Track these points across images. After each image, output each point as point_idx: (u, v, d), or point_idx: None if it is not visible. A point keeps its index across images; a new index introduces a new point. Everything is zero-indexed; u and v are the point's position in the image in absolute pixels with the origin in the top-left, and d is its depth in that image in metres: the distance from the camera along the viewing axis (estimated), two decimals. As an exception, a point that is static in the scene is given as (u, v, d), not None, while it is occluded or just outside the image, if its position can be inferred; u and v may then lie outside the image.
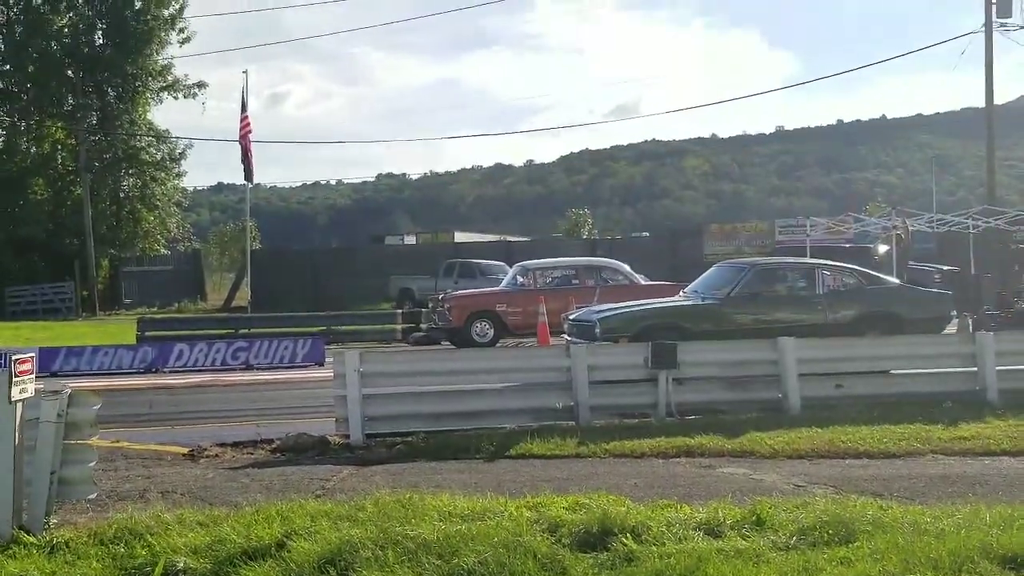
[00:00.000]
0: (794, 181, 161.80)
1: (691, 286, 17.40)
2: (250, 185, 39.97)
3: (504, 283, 26.41)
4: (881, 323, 15.89)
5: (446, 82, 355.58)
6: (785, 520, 6.92)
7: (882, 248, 31.71)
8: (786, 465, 9.72)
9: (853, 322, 15.91)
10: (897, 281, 18.70)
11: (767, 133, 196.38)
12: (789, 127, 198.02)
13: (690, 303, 16.33)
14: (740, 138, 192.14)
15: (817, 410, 12.19)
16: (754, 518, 6.97)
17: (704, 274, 17.69)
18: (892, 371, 13.47)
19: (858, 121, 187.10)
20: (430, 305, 26.54)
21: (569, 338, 16.46)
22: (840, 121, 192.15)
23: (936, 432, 10.89)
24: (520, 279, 25.29)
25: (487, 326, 24.19)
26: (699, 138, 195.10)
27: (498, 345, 23.66)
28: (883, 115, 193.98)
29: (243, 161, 35.77)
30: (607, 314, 15.81)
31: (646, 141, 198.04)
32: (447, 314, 24.39)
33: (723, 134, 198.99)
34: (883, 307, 16.25)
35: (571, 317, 16.85)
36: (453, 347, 23.60)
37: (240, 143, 35.76)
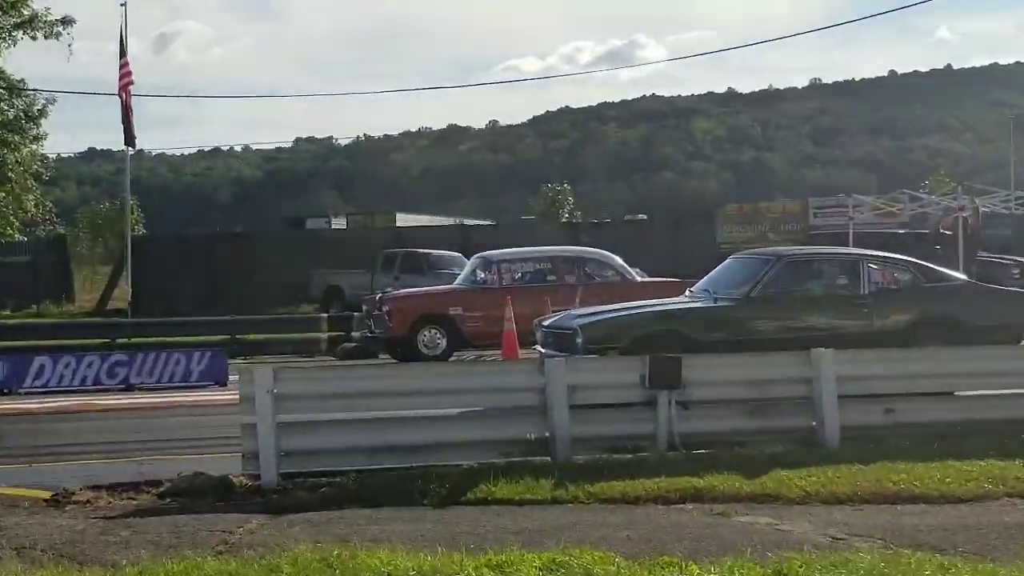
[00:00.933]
0: (833, 149, 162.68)
1: (700, 284, 17.46)
2: (131, 151, 39.77)
3: (460, 279, 26.43)
4: (942, 330, 15.99)
5: (385, 19, 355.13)
6: (819, 582, 6.96)
7: (944, 234, 31.98)
8: (821, 512, 9.77)
9: (906, 329, 16.03)
10: (963, 277, 18.85)
11: (799, 87, 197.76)
12: (827, 79, 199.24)
13: (698, 305, 16.40)
14: (765, 93, 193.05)
15: (861, 442, 12.23)
16: (780, 580, 7.01)
17: (716, 268, 17.76)
18: (957, 392, 13.57)
19: (916, 72, 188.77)
20: (364, 308, 26.52)
21: (542, 350, 16.48)
22: (892, 72, 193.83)
23: (1013, 470, 10.98)
24: (480, 274, 25.32)
25: (437, 335, 24.21)
26: (712, 93, 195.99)
27: (452, 359, 23.67)
28: (948, 64, 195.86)
29: (123, 121, 35.59)
30: (591, 319, 15.84)
31: (643, 97, 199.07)
32: (386, 319, 24.39)
33: (743, 88, 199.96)
34: (945, 310, 16.37)
35: (545, 323, 16.89)
36: (394, 362, 23.60)
37: (119, 97, 35.58)
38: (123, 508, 10.46)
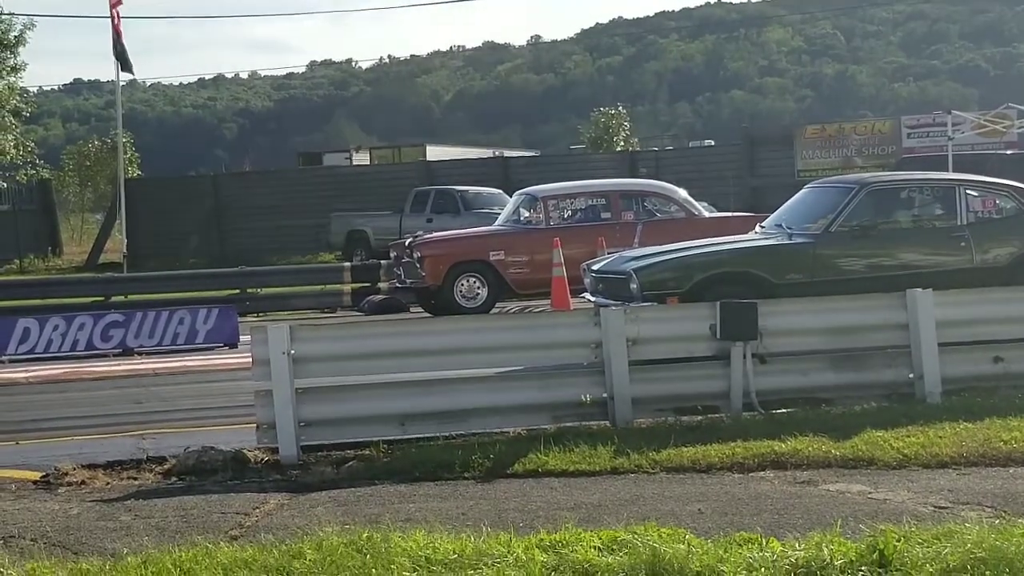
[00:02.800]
0: (928, 59, 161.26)
1: (772, 218, 17.37)
2: (123, 82, 39.83)
3: (501, 220, 26.41)
4: None
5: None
6: (921, 558, 6.94)
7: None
8: (921, 477, 9.75)
9: (1011, 265, 15.92)
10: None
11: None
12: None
13: (771, 243, 16.32)
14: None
15: (966, 397, 12.21)
16: (875, 556, 7.00)
17: (791, 200, 17.64)
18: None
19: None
20: (392, 255, 26.55)
21: (591, 298, 16.47)
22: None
23: None
24: (525, 213, 25.29)
25: (477, 284, 24.23)
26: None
27: (494, 311, 23.69)
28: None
29: (114, 47, 35.58)
30: (647, 262, 15.80)
31: (708, 4, 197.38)
32: (417, 267, 24.41)
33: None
34: None
35: (594, 268, 16.86)
36: (428, 316, 23.64)
37: (109, 19, 35.56)
38: (123, 489, 10.51)
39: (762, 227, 17.28)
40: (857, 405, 12.10)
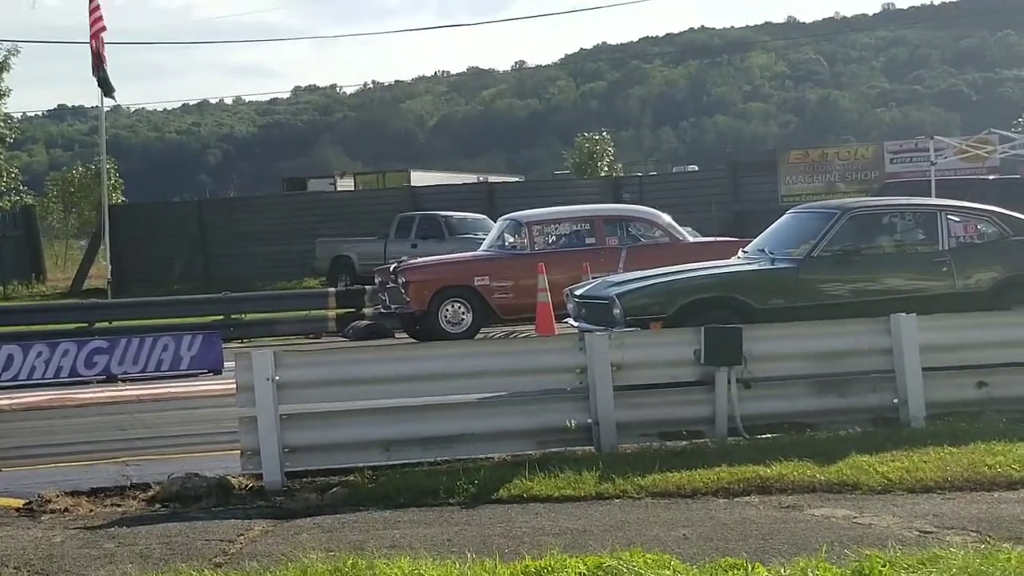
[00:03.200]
0: (911, 84, 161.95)
1: (755, 243, 17.44)
2: (108, 106, 39.87)
3: (485, 245, 26.44)
4: None
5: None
6: (906, 584, 6.94)
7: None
8: (906, 502, 9.76)
9: (993, 289, 15.98)
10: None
11: (870, 14, 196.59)
12: (902, 3, 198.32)
13: (754, 268, 16.37)
14: (830, 22, 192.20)
15: (950, 421, 12.20)
16: (861, 582, 7.00)
17: (773, 225, 17.71)
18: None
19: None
20: (377, 280, 26.56)
21: (575, 323, 16.49)
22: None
23: None
24: (509, 238, 25.32)
25: (462, 309, 24.25)
26: (769, 23, 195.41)
27: (479, 336, 23.70)
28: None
29: (95, 72, 35.60)
30: (630, 287, 15.83)
31: (691, 30, 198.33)
32: (402, 292, 24.43)
33: (805, 17, 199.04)
34: None
35: (577, 293, 16.89)
36: (413, 341, 23.66)
37: (90, 45, 35.59)
38: (107, 516, 10.50)
39: (745, 252, 17.33)
40: (842, 430, 12.10)
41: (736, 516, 9.48)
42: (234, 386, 11.77)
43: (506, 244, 25.28)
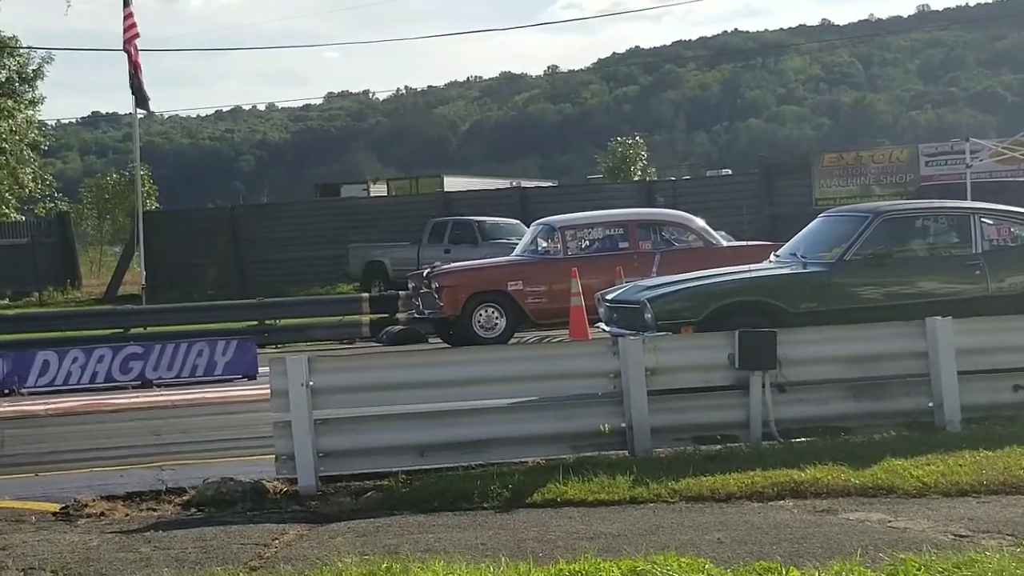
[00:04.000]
0: (946, 86, 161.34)
1: (786, 247, 17.42)
2: (141, 115, 40.00)
3: (519, 250, 26.45)
4: None
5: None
6: (941, 587, 6.94)
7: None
8: (941, 506, 9.75)
9: None
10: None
11: (905, 16, 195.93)
12: (936, 5, 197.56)
13: (785, 272, 16.35)
14: (865, 24, 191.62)
15: (986, 425, 12.21)
16: (896, 585, 7.00)
17: (805, 229, 17.68)
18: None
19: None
20: (410, 285, 26.61)
21: (606, 327, 16.49)
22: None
23: None
24: (542, 243, 25.32)
25: (495, 314, 24.25)
26: (804, 26, 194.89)
27: (512, 341, 23.71)
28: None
29: (131, 81, 35.80)
30: (662, 291, 15.83)
31: (725, 33, 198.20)
32: (436, 298, 24.45)
33: (839, 19, 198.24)
34: None
35: (608, 297, 16.89)
36: (446, 346, 23.67)
37: (125, 53, 35.77)
38: (142, 521, 10.55)
39: (777, 256, 17.31)
40: (876, 433, 12.10)
41: (770, 520, 9.48)
42: (268, 391, 11.82)
43: (539, 249, 25.28)
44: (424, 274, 25.63)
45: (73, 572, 8.76)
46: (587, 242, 25.02)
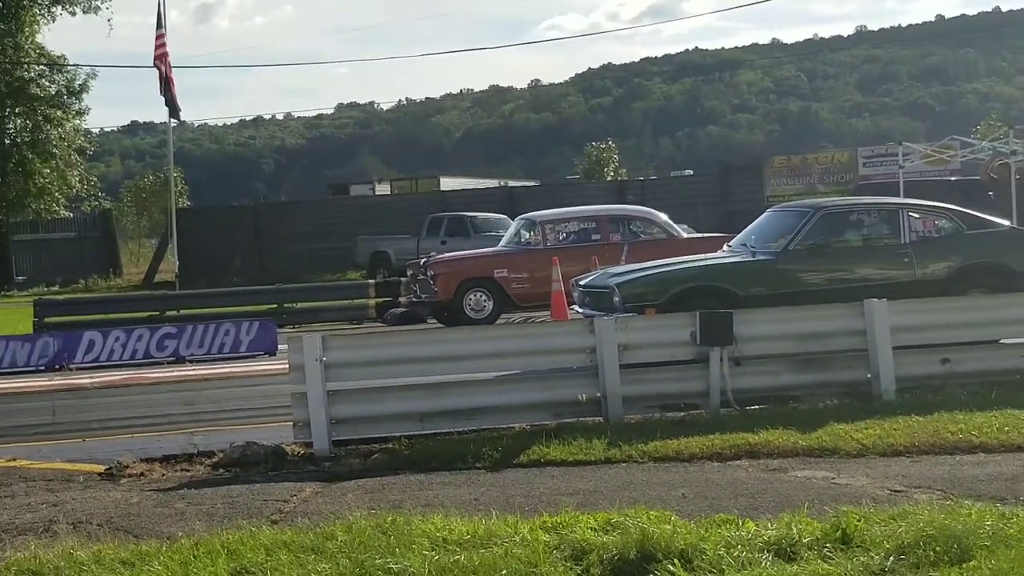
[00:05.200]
0: (881, 96, 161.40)
1: (738, 238, 17.39)
2: (174, 123, 39.90)
3: (504, 242, 26.41)
4: (986, 277, 15.89)
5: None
6: (879, 536, 6.94)
7: (992, 179, 31.68)
8: (878, 465, 9.74)
9: (950, 277, 15.88)
10: (1007, 223, 18.61)
11: (845, 35, 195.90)
12: (873, 26, 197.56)
13: (736, 260, 16.31)
14: (810, 43, 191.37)
15: (917, 393, 12.21)
16: (839, 534, 6.99)
17: (754, 222, 17.66)
18: (1003, 340, 13.46)
19: (963, 16, 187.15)
20: (409, 273, 26.57)
21: (580, 310, 16.48)
22: (940, 17, 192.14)
23: (1073, 417, 10.91)
24: (525, 235, 25.29)
25: (484, 298, 24.23)
26: (756, 44, 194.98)
27: (499, 321, 23.69)
28: (996, 7, 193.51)
29: (163, 93, 35.71)
30: (628, 277, 15.79)
31: (687, 51, 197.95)
32: (431, 284, 24.42)
33: (787, 38, 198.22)
34: (989, 256, 16.22)
35: (581, 283, 16.86)
36: (442, 326, 23.67)
37: (156, 68, 35.65)
38: (177, 480, 10.54)
39: (729, 246, 17.31)
40: (821, 402, 12.08)
41: (728, 477, 9.48)
42: (287, 366, 11.81)
43: (522, 241, 25.26)
44: (421, 263, 25.64)
45: (116, 525, 8.73)
46: (564, 234, 24.99)
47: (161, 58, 35.35)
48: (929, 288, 15.37)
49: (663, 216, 25.36)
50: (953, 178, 37.18)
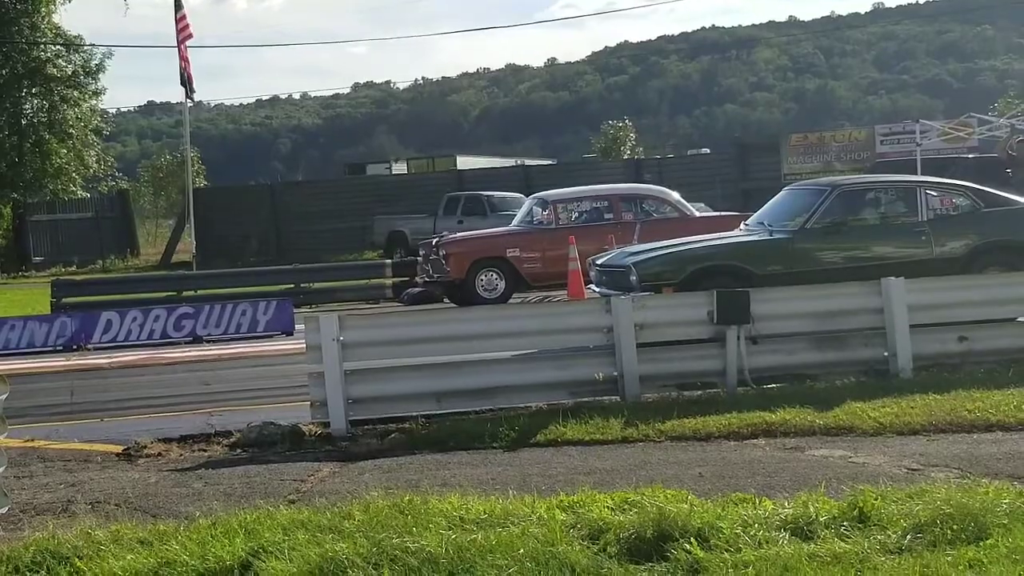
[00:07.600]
0: (899, 74, 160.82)
1: (755, 216, 17.34)
2: (190, 103, 39.93)
3: (516, 221, 26.37)
4: (1004, 255, 15.83)
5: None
6: (896, 514, 6.94)
7: (1011, 155, 31.52)
8: (895, 443, 9.73)
9: (967, 255, 15.81)
10: None
11: (861, 13, 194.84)
12: (890, 3, 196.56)
13: (753, 238, 16.26)
14: (827, 20, 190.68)
15: (934, 372, 12.22)
16: (855, 513, 7.00)
17: (771, 201, 17.62)
18: (1021, 318, 13.43)
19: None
20: (422, 253, 26.56)
21: (596, 288, 16.47)
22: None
23: (1090, 395, 10.88)
24: (537, 215, 25.24)
25: (496, 277, 24.19)
26: (772, 22, 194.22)
27: (515, 300, 23.69)
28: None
29: (181, 73, 35.71)
30: (644, 256, 15.76)
31: (703, 28, 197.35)
32: (443, 263, 24.40)
33: (804, 15, 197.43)
34: (1006, 234, 16.14)
35: (598, 262, 16.84)
36: (456, 306, 23.68)
37: (178, 51, 35.66)
38: (194, 460, 10.57)
39: (746, 225, 17.25)
40: (838, 380, 12.08)
41: (745, 456, 9.48)
42: (304, 346, 11.83)
43: (534, 220, 25.21)
44: (433, 243, 25.62)
45: (134, 505, 8.77)
46: (576, 214, 24.95)
47: (184, 41, 35.35)
48: (946, 266, 15.34)
49: (675, 195, 25.30)
50: (971, 156, 36.97)
